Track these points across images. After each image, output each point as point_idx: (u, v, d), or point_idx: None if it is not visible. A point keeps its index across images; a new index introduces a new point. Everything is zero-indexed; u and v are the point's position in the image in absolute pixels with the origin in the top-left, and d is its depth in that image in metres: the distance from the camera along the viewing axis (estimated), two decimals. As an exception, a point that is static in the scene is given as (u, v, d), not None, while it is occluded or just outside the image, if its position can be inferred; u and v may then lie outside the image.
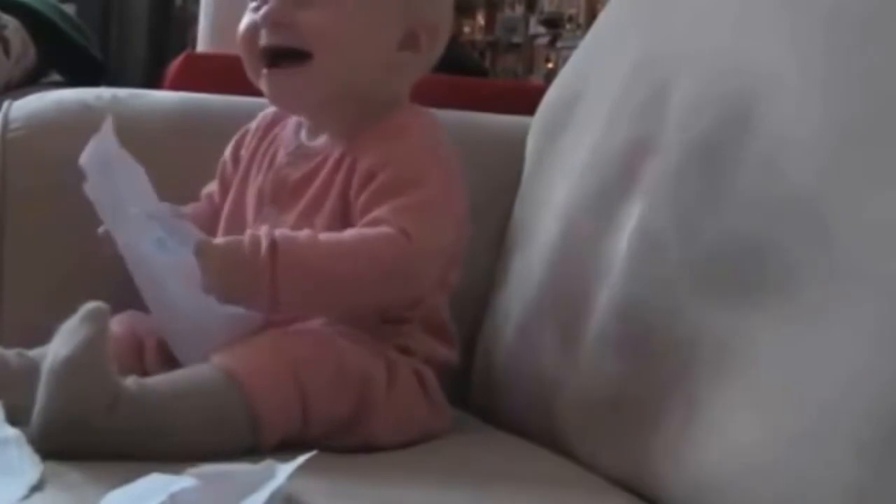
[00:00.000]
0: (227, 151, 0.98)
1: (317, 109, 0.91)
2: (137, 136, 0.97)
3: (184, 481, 0.61)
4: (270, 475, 0.61)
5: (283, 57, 0.88)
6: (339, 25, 0.87)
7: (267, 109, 0.97)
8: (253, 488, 0.60)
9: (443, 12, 0.94)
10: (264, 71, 0.89)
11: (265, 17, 0.87)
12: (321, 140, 0.92)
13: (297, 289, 0.81)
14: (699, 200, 0.80)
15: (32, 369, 0.78)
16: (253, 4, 0.90)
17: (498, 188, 1.07)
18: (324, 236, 0.83)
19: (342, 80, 0.88)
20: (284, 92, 0.90)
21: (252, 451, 0.76)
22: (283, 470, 0.61)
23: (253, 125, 0.97)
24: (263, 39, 0.88)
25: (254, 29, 0.89)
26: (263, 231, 0.81)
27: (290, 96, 0.91)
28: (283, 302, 0.80)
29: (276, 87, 0.90)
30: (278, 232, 0.81)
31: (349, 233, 0.84)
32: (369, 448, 0.82)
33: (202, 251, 0.80)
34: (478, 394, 1.02)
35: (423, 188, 0.85)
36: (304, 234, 0.82)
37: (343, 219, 0.86)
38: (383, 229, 0.83)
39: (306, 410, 0.79)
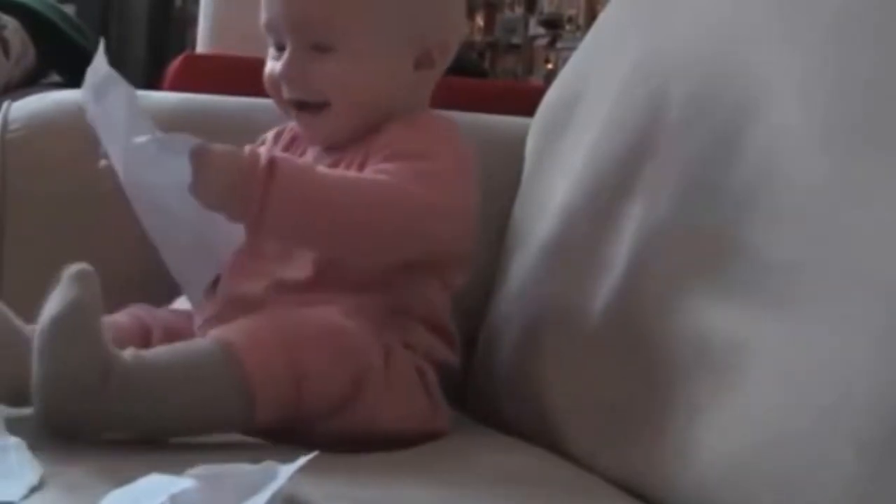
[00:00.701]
0: (271, 133, 0.99)
1: (346, 140, 0.93)
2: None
3: (184, 482, 0.61)
4: (272, 476, 0.61)
5: (304, 105, 0.92)
6: (352, 72, 0.89)
7: None
8: (254, 489, 0.60)
9: (454, 24, 0.97)
10: (294, 114, 0.93)
11: (281, 75, 0.90)
12: (346, 145, 0.93)
13: (286, 206, 0.81)
14: (698, 199, 0.80)
15: None
16: (272, 52, 0.93)
17: (498, 188, 1.07)
18: (323, 168, 0.85)
19: (364, 115, 0.91)
20: (313, 135, 0.94)
21: (247, 427, 0.77)
22: (285, 471, 0.61)
23: (290, 123, 0.99)
24: (284, 92, 0.91)
25: (273, 78, 0.92)
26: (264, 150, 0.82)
27: (318, 138, 0.94)
28: (270, 217, 0.81)
29: (305, 130, 0.95)
30: (279, 153, 0.82)
31: (350, 172, 0.86)
32: (369, 433, 0.82)
33: (198, 154, 0.80)
34: (477, 395, 1.02)
35: (429, 161, 0.87)
36: (304, 160, 0.84)
37: None
38: (384, 177, 0.84)
39: (300, 387, 0.79)
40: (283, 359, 0.79)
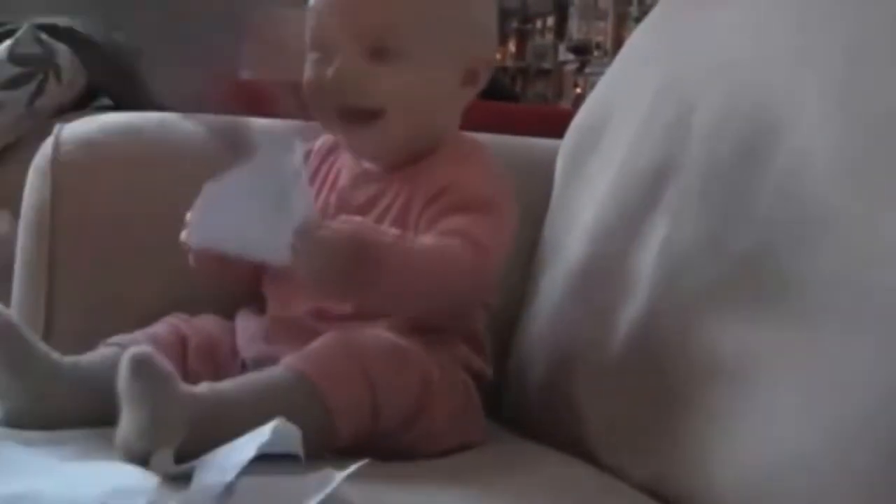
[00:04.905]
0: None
1: (393, 156, 0.92)
2: (185, 159, 1.00)
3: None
4: (328, 482, 0.63)
5: (355, 115, 0.89)
6: (409, 82, 0.88)
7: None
8: (309, 493, 0.62)
9: (494, 43, 0.98)
10: (339, 125, 0.90)
11: (336, 81, 0.87)
12: (382, 165, 0.93)
13: (393, 286, 0.81)
14: (721, 219, 0.82)
15: (84, 379, 0.80)
16: (314, 56, 0.89)
17: (529, 207, 1.07)
18: (411, 242, 0.83)
19: (416, 128, 0.90)
20: (364, 147, 0.92)
21: (324, 452, 0.76)
22: (338, 476, 0.63)
23: (316, 145, 0.98)
24: (335, 98, 0.88)
25: (322, 86, 0.88)
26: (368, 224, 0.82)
27: (369, 151, 0.93)
28: (375, 298, 0.81)
29: (355, 143, 0.92)
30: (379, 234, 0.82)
31: (430, 240, 0.84)
32: (431, 446, 0.83)
33: (305, 236, 0.79)
34: (511, 406, 1.03)
35: (495, 213, 0.87)
36: (393, 232, 0.83)
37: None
38: (458, 240, 0.84)
39: (375, 403, 0.79)
40: (359, 382, 0.79)
